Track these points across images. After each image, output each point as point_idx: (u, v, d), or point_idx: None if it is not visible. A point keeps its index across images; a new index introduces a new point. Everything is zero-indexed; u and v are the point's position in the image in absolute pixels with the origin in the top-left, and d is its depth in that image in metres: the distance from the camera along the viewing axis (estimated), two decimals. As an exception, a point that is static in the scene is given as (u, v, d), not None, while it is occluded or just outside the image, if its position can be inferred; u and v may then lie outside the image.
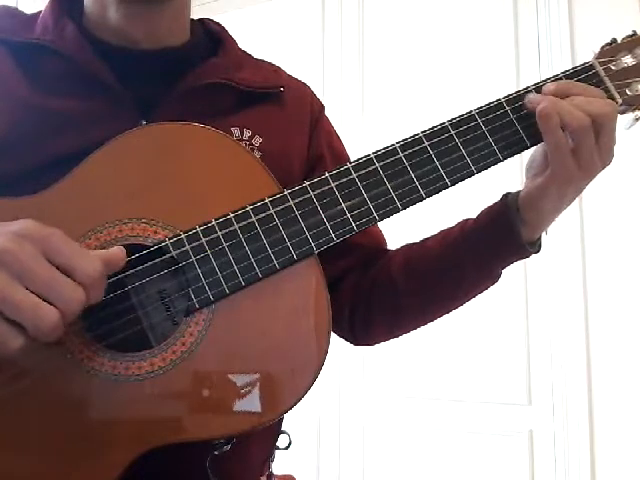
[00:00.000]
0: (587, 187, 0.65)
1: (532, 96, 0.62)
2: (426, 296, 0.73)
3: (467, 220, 0.71)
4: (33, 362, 0.51)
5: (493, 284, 0.71)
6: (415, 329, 0.76)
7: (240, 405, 0.54)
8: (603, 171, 0.64)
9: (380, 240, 0.80)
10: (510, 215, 0.65)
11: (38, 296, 0.45)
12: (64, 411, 0.53)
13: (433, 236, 0.74)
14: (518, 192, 0.67)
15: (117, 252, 0.51)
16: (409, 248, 0.76)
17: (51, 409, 0.53)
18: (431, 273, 0.72)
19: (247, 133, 0.68)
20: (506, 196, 0.68)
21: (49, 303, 0.46)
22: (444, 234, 0.72)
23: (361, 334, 0.77)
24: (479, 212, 0.70)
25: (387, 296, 0.74)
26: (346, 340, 0.79)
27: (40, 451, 0.52)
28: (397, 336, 0.78)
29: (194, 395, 0.54)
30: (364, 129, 2.19)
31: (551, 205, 0.64)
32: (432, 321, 0.75)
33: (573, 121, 0.59)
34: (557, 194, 0.63)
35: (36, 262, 0.46)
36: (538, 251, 0.68)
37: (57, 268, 0.47)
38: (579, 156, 0.60)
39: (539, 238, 0.68)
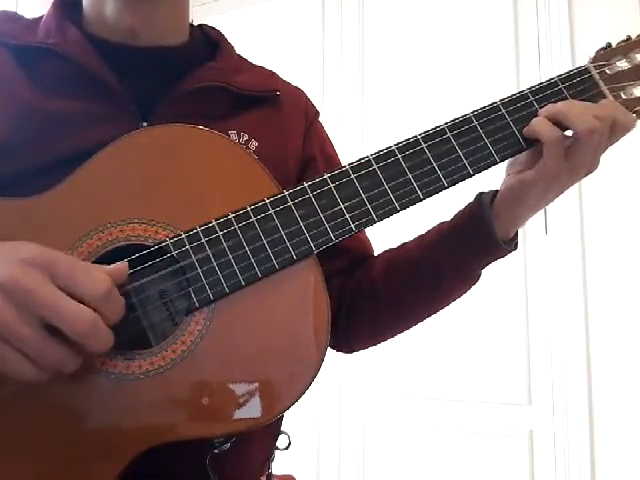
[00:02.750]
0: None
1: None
2: (406, 298, 0.73)
3: (444, 222, 0.72)
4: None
5: (473, 285, 0.72)
6: (396, 334, 0.76)
7: (238, 404, 0.55)
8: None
9: (367, 246, 0.81)
10: (485, 213, 0.66)
11: (48, 322, 0.46)
12: (64, 410, 0.53)
13: (412, 239, 0.74)
14: (492, 191, 0.68)
15: (120, 266, 0.53)
16: (390, 251, 0.77)
17: (51, 408, 0.53)
18: (410, 275, 0.72)
19: (244, 137, 0.69)
20: (480, 195, 0.68)
21: (60, 328, 0.47)
22: (422, 236, 0.73)
23: (343, 338, 0.77)
24: (454, 214, 0.71)
25: (369, 298, 0.74)
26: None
27: (40, 450, 0.52)
28: (379, 341, 0.78)
29: (193, 394, 0.55)
30: (363, 129, 2.19)
31: (532, 202, 0.65)
32: (413, 325, 0.75)
33: (581, 123, 0.60)
34: (541, 191, 0.64)
35: (43, 289, 0.46)
36: (514, 249, 0.69)
37: (66, 292, 0.47)
38: (571, 157, 0.62)
39: (515, 236, 0.69)
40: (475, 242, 0.67)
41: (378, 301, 0.74)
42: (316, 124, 0.81)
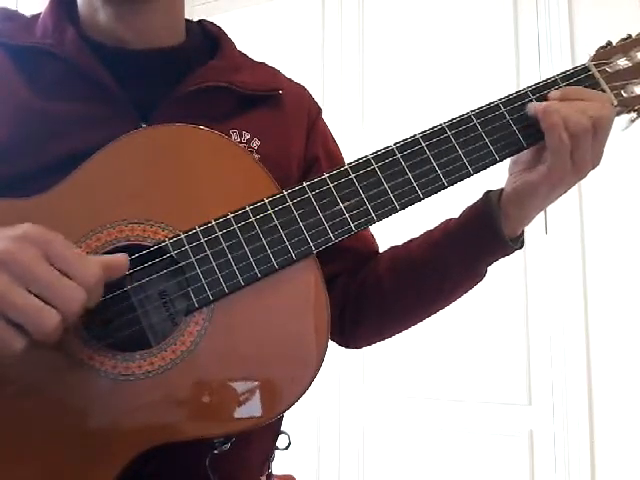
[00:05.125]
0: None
1: (533, 103, 0.63)
2: (412, 296, 0.74)
3: (450, 219, 0.72)
4: (33, 361, 0.52)
5: (478, 282, 0.72)
6: (402, 330, 0.77)
7: (238, 404, 0.55)
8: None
9: (372, 245, 0.80)
10: (492, 212, 0.66)
11: (39, 298, 0.46)
12: (64, 410, 0.53)
13: (418, 237, 0.74)
14: (500, 189, 0.68)
15: (120, 258, 0.52)
16: (395, 249, 0.77)
17: (51, 408, 0.53)
18: (416, 272, 0.72)
19: (246, 136, 0.68)
20: (487, 193, 0.68)
21: (50, 305, 0.46)
22: (428, 234, 0.73)
23: (349, 336, 0.77)
24: (461, 211, 0.71)
25: (374, 296, 0.74)
26: (335, 342, 0.78)
27: (39, 450, 0.52)
28: (385, 338, 0.78)
29: (193, 394, 0.55)
30: (363, 129, 2.19)
31: (538, 202, 0.65)
32: (419, 322, 0.76)
33: (575, 124, 0.60)
34: (547, 191, 0.64)
35: (37, 264, 0.46)
36: (520, 247, 0.69)
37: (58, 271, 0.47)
38: (575, 157, 0.62)
39: (521, 234, 0.69)
40: (483, 241, 0.67)
41: (383, 299, 0.74)
42: (319, 122, 0.80)
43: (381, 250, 0.80)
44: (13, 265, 0.46)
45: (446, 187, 0.62)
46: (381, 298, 0.74)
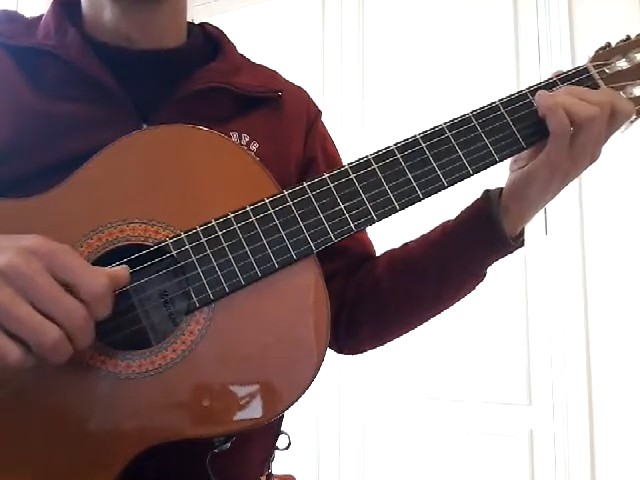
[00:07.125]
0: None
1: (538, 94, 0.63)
2: (411, 298, 0.73)
3: (447, 221, 0.72)
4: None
5: (478, 284, 0.72)
6: (401, 334, 0.75)
7: (238, 404, 0.55)
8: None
9: (368, 246, 0.80)
10: (492, 210, 0.66)
11: (42, 312, 0.46)
12: (64, 409, 0.53)
13: (415, 239, 0.74)
14: (499, 188, 0.68)
15: (122, 269, 0.52)
16: (393, 251, 0.76)
17: (51, 407, 0.53)
18: (416, 274, 0.72)
19: (245, 139, 0.69)
20: (487, 192, 0.68)
21: (53, 320, 0.46)
22: (426, 236, 0.73)
23: (345, 341, 0.76)
24: (460, 211, 0.71)
25: (372, 299, 0.74)
26: (330, 348, 0.77)
27: (38, 450, 0.52)
28: (383, 343, 0.77)
29: (194, 393, 0.55)
30: (363, 129, 2.19)
31: (535, 193, 0.64)
32: (417, 325, 0.75)
33: (582, 111, 0.60)
34: (544, 182, 0.63)
35: (41, 278, 0.46)
36: (521, 246, 0.68)
37: (63, 284, 0.47)
38: (573, 146, 0.61)
39: (522, 233, 0.68)
40: (484, 239, 0.67)
41: (382, 302, 0.74)
42: (318, 124, 0.80)
43: (378, 253, 0.80)
44: (16, 278, 0.45)
45: (446, 187, 0.62)
46: (379, 301, 0.73)
